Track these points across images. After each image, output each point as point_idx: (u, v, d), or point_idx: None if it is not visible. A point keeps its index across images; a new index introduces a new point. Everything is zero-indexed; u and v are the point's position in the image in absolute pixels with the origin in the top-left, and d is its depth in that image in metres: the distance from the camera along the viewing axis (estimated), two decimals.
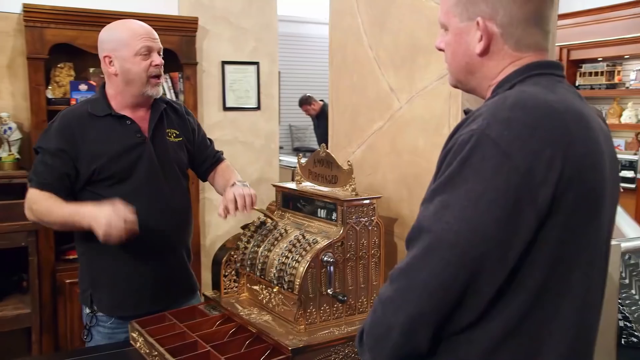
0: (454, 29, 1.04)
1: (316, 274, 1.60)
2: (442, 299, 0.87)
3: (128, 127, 1.89)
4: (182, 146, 2.01)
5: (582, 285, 0.92)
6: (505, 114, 0.88)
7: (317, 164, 1.81)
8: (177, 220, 1.98)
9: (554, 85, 0.97)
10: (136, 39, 1.82)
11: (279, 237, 1.77)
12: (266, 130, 3.92)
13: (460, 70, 1.06)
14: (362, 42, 1.92)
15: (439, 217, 0.87)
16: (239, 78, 3.77)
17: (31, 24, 3.01)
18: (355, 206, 1.65)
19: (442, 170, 0.92)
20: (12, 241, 2.84)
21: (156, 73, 1.86)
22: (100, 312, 1.90)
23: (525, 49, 1.00)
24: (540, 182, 0.85)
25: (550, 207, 0.86)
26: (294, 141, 9.18)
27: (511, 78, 0.99)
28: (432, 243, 0.87)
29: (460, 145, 0.89)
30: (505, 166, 0.84)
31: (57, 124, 1.86)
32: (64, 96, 3.23)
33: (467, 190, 0.86)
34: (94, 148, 1.83)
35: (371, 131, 1.93)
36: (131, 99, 1.90)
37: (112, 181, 1.85)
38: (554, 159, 0.86)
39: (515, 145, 0.85)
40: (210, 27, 3.67)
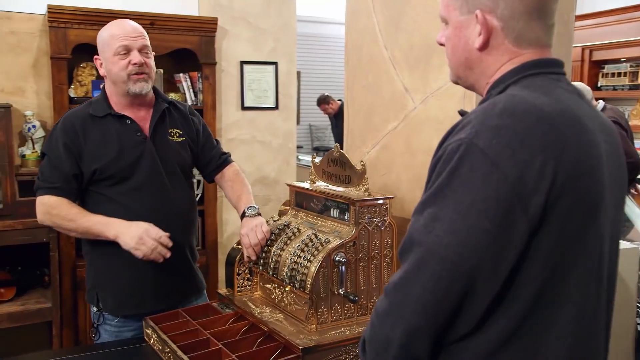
0: (454, 22, 1.01)
1: (328, 273, 1.59)
2: (437, 312, 0.85)
3: (128, 127, 1.89)
4: (185, 146, 2.00)
5: (580, 293, 0.90)
6: (494, 122, 0.85)
7: (331, 163, 1.81)
8: (180, 219, 1.96)
9: (549, 86, 0.93)
10: (114, 39, 1.83)
11: (291, 236, 1.77)
12: (284, 130, 3.93)
13: (459, 66, 1.03)
14: (377, 42, 1.91)
15: (429, 230, 0.85)
16: (258, 78, 3.78)
17: (55, 25, 3.06)
18: (368, 206, 1.64)
19: (432, 180, 0.89)
20: (35, 237, 2.88)
21: (136, 71, 1.84)
22: (105, 311, 1.91)
23: (526, 44, 0.96)
24: (531, 191, 0.82)
25: (542, 216, 0.84)
26: (314, 141, 9.18)
27: (506, 78, 0.96)
28: (423, 257, 0.85)
29: (449, 154, 0.87)
30: (494, 176, 0.82)
31: (61, 125, 1.87)
32: (86, 95, 3.27)
33: (456, 202, 0.84)
34: (95, 148, 1.85)
35: (386, 131, 1.91)
36: (123, 99, 1.90)
37: (113, 180, 1.85)
38: (545, 166, 0.83)
39: (505, 154, 0.82)
40: (229, 28, 3.68)
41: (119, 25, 1.87)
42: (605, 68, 5.53)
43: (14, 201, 2.89)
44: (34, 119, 3.22)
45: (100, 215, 1.80)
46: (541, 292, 0.86)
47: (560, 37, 1.66)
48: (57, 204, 1.81)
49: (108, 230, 1.77)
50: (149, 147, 1.89)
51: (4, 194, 2.89)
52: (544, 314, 0.88)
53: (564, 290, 0.88)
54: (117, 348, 1.76)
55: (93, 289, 1.93)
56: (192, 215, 2.06)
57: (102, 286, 1.91)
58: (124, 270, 1.87)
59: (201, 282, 2.10)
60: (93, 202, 1.88)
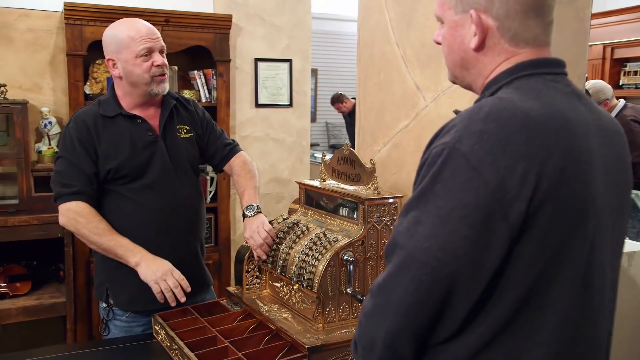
0: (449, 21, 0.99)
1: (336, 272, 1.58)
2: (418, 315, 0.85)
3: (139, 126, 1.89)
4: (193, 142, 2.02)
5: (564, 300, 0.87)
6: (478, 127, 0.83)
7: (341, 162, 1.80)
8: (190, 215, 1.97)
9: (542, 88, 0.90)
10: (136, 41, 1.82)
11: (300, 234, 1.76)
12: (298, 127, 3.92)
13: (455, 65, 1.01)
14: (389, 40, 1.89)
15: (411, 234, 0.85)
16: (272, 75, 3.78)
17: (71, 22, 3.09)
18: (377, 205, 1.63)
19: (417, 182, 0.89)
20: (49, 232, 2.91)
21: (159, 72, 1.86)
22: (116, 306, 1.92)
23: (523, 44, 0.94)
24: (513, 198, 0.81)
25: (524, 223, 0.82)
26: (330, 138, 9.17)
27: (499, 79, 0.94)
28: (405, 260, 0.85)
29: (433, 158, 0.86)
30: (474, 182, 0.81)
31: (73, 124, 1.87)
32: (101, 92, 3.30)
33: (437, 207, 0.83)
34: (108, 148, 1.85)
35: (397, 129, 1.89)
36: (139, 99, 1.90)
37: (126, 179, 1.86)
38: (527, 173, 0.81)
39: (486, 160, 0.81)
40: (243, 25, 3.69)
41: (135, 26, 1.85)
42: (627, 66, 5.43)
43: (29, 196, 2.92)
44: (50, 115, 3.26)
45: (127, 240, 1.80)
46: (523, 298, 0.85)
47: (576, 35, 1.63)
48: (85, 213, 1.80)
49: (131, 257, 1.78)
50: (160, 145, 1.90)
51: (19, 189, 2.93)
52: (526, 320, 0.86)
53: (547, 297, 0.86)
54: (125, 344, 1.78)
55: (102, 284, 1.94)
56: (201, 212, 2.06)
57: (113, 282, 1.91)
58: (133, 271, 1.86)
59: (209, 277, 2.11)
60: (104, 199, 1.89)
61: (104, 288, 1.93)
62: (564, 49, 1.61)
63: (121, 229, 1.83)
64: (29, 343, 3.13)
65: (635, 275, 1.75)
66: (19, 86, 3.27)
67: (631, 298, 1.79)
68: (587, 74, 5.67)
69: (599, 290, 0.93)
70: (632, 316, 1.81)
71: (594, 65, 5.58)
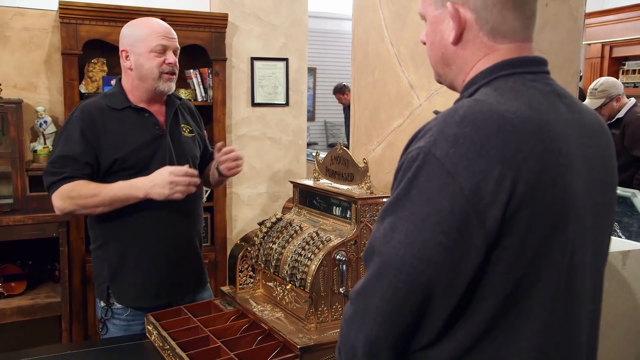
0: (430, 17, 0.98)
1: (328, 272, 1.58)
2: (396, 322, 0.84)
3: (147, 120, 1.93)
4: (195, 141, 2.08)
5: (544, 306, 0.86)
6: (453, 130, 0.82)
7: (334, 161, 1.79)
8: (190, 210, 2.01)
9: (521, 88, 0.89)
10: (153, 37, 1.87)
11: (293, 234, 1.76)
12: (294, 126, 3.92)
13: (437, 62, 1.00)
14: (383, 38, 1.88)
15: (387, 240, 0.83)
16: (268, 74, 3.78)
17: (66, 21, 3.09)
18: (370, 204, 1.62)
19: (394, 187, 0.88)
20: (44, 231, 2.91)
21: (169, 70, 1.90)
22: (120, 304, 1.93)
23: (501, 37, 0.92)
24: (488, 204, 0.79)
25: (501, 229, 0.81)
26: (329, 137, 9.17)
27: (478, 79, 0.93)
28: (381, 267, 0.84)
29: (409, 162, 0.85)
30: (449, 187, 0.79)
31: (79, 113, 1.88)
32: (97, 91, 3.29)
33: (413, 213, 0.82)
34: (116, 139, 1.86)
35: (391, 128, 1.89)
36: (145, 94, 1.94)
37: (131, 172, 1.87)
38: (503, 178, 0.79)
39: (461, 165, 0.80)
40: (240, 24, 3.68)
41: (154, 24, 1.92)
42: (625, 65, 5.43)
43: (24, 196, 2.92)
44: (46, 114, 3.26)
45: (121, 182, 1.81)
46: (503, 304, 0.84)
47: (570, 34, 1.63)
48: (73, 187, 1.80)
49: (136, 192, 1.79)
50: (167, 141, 1.94)
51: (14, 188, 2.93)
52: (507, 326, 0.85)
53: (528, 303, 0.85)
54: (119, 344, 1.77)
55: (103, 283, 1.94)
56: (200, 208, 2.12)
57: (115, 280, 1.92)
58: (142, 261, 1.91)
59: (205, 274, 2.14)
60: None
61: (105, 287, 1.93)
62: (557, 47, 1.61)
63: (119, 222, 1.87)
64: (24, 343, 3.12)
65: (629, 275, 1.75)
66: (14, 85, 3.27)
67: (626, 297, 1.79)
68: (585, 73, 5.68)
69: (580, 293, 0.92)
70: (627, 316, 1.81)
71: (592, 64, 5.58)
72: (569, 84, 1.62)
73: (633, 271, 1.77)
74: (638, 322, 1.87)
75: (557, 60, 1.58)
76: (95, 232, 1.96)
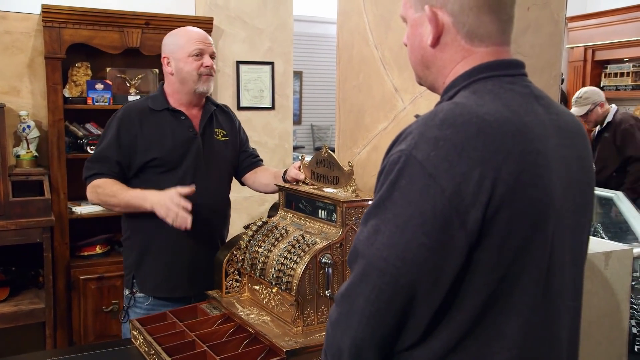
0: (411, 20, 1.00)
1: (314, 275, 1.58)
2: (380, 324, 0.85)
3: (182, 122, 2.07)
4: (228, 145, 2.19)
5: (525, 304, 0.88)
6: (434, 133, 0.84)
7: (320, 164, 1.80)
8: (213, 211, 2.12)
9: (499, 91, 0.91)
10: (190, 42, 2.03)
11: (279, 237, 1.76)
12: (280, 130, 3.92)
13: (417, 64, 1.02)
14: (368, 42, 1.90)
15: (371, 242, 0.85)
16: (254, 78, 3.78)
17: (49, 24, 3.06)
18: (355, 207, 1.63)
19: (376, 190, 0.89)
20: (28, 237, 2.88)
21: (206, 72, 2.05)
22: (142, 292, 2.07)
23: (478, 41, 0.94)
24: (469, 205, 0.81)
25: (481, 229, 0.82)
26: (315, 141, 9.19)
27: (457, 83, 0.94)
28: (365, 269, 0.85)
29: (390, 165, 0.86)
30: (431, 189, 0.81)
31: (120, 114, 2.06)
32: (81, 95, 3.28)
33: (395, 215, 0.83)
34: (152, 138, 2.02)
35: (376, 132, 1.90)
36: (186, 97, 2.08)
37: (163, 169, 2.02)
38: (483, 179, 0.81)
39: (442, 167, 0.81)
40: (225, 27, 3.68)
41: (192, 31, 2.08)
42: (608, 68, 5.51)
43: (7, 201, 2.89)
44: (29, 119, 3.23)
45: (138, 190, 1.96)
46: (485, 303, 0.86)
47: (551, 37, 1.65)
48: (101, 183, 1.99)
49: (145, 203, 1.91)
50: (198, 143, 2.07)
51: None
52: (489, 324, 0.87)
53: (509, 301, 0.87)
54: (103, 350, 1.76)
55: (130, 272, 2.09)
56: (226, 210, 2.23)
57: (139, 269, 2.07)
58: (164, 253, 2.04)
59: None
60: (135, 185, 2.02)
61: (131, 276, 2.09)
62: (539, 51, 1.63)
63: (146, 218, 1.94)
64: (8, 350, 3.08)
65: (611, 276, 1.77)
66: None
67: (608, 298, 1.81)
68: (569, 76, 5.75)
69: (560, 292, 0.93)
70: (609, 315, 1.83)
71: (575, 67, 5.65)
72: (550, 86, 1.64)
73: (615, 271, 1.80)
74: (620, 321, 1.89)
75: (539, 63, 1.60)
76: (125, 225, 2.12)
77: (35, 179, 3.06)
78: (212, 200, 2.09)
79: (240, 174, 2.30)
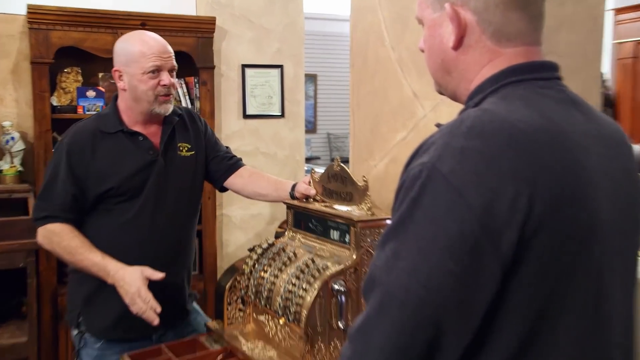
0: (428, 21, 1.00)
1: (325, 304, 1.58)
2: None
3: (140, 144, 2.01)
4: (193, 159, 2.12)
5: (570, 341, 0.86)
6: (460, 143, 0.82)
7: (332, 179, 1.80)
8: (180, 238, 2.08)
9: (532, 96, 0.90)
10: (146, 57, 1.93)
11: (287, 261, 1.76)
12: (291, 140, 3.95)
13: (437, 70, 1.02)
14: (383, 42, 1.91)
15: (389, 268, 0.83)
16: (261, 83, 3.82)
17: (35, 26, 3.13)
18: (371, 227, 1.63)
19: (395, 208, 0.87)
20: (10, 261, 2.91)
21: (164, 92, 1.98)
22: (88, 332, 1.98)
23: (506, 41, 0.93)
24: (503, 225, 0.79)
25: (517, 253, 0.80)
26: (332, 151, 9.18)
27: (484, 87, 0.94)
28: (384, 300, 0.83)
29: (411, 181, 0.84)
30: (458, 208, 0.79)
31: (68, 140, 1.97)
32: (71, 103, 3.33)
33: (418, 238, 0.81)
34: (106, 166, 1.95)
35: (394, 142, 1.91)
36: (141, 116, 2.02)
37: (123, 198, 1.97)
38: (518, 195, 0.79)
39: (470, 181, 0.80)
40: (229, 28, 3.73)
41: (148, 42, 1.97)
42: None
43: None
44: (13, 130, 3.28)
45: (99, 254, 1.88)
46: (523, 340, 0.83)
47: (589, 34, 1.65)
48: (58, 231, 1.93)
49: (106, 277, 1.86)
50: (159, 164, 2.01)
51: None
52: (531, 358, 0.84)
53: (550, 338, 0.84)
54: None
55: (75, 309, 2.01)
56: (192, 235, 2.18)
57: (88, 308, 1.99)
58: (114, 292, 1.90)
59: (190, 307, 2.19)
60: (95, 219, 1.98)
61: (76, 313, 2.01)
62: (576, 49, 1.63)
63: (106, 249, 1.90)
64: None
65: None
66: None
67: None
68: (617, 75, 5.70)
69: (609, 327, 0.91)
70: None
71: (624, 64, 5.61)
72: (590, 89, 1.64)
73: None
74: None
75: (575, 63, 1.60)
76: None
77: (19, 197, 3.10)
78: (175, 225, 2.04)
79: (219, 181, 2.22)
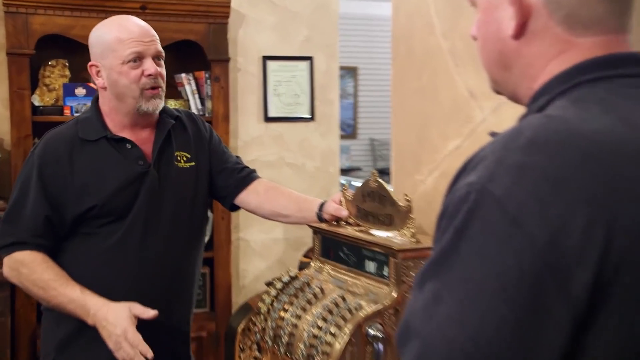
0: (482, 3, 0.98)
1: (359, 353, 1.58)
2: None
3: (128, 153, 2.01)
4: (194, 172, 2.12)
5: None
6: (517, 158, 0.80)
7: (367, 198, 1.81)
8: (178, 268, 2.07)
9: (613, 99, 0.88)
10: (123, 44, 1.93)
11: (312, 298, 1.77)
12: (322, 148, 3.97)
13: (493, 64, 1.01)
14: (433, 30, 1.92)
15: (429, 315, 0.81)
16: (286, 78, 3.85)
17: (12, 10, 3.17)
18: (415, 258, 1.63)
19: (436, 239, 0.86)
20: None
21: (150, 84, 1.97)
22: None
23: (582, 28, 0.91)
24: (572, 263, 0.77)
25: (593, 299, 0.78)
26: (377, 160, 9.19)
27: (551, 87, 0.92)
28: (422, 353, 0.81)
29: (456, 205, 0.83)
30: (515, 239, 0.78)
31: (40, 151, 1.98)
32: (56, 103, 3.39)
33: (464, 278, 0.80)
34: (87, 181, 1.96)
35: (446, 152, 1.91)
36: (127, 117, 2.02)
37: (107, 219, 1.97)
38: (593, 225, 0.77)
39: (530, 207, 0.78)
40: (247, 11, 3.77)
41: (125, 26, 1.98)
42: None
43: None
44: None
45: (78, 289, 1.89)
46: None
47: None
48: (27, 261, 1.93)
49: (85, 316, 1.87)
50: (151, 178, 2.01)
51: None
52: None
53: None
54: None
55: (48, 356, 2.03)
56: (195, 269, 2.17)
57: (63, 354, 2.00)
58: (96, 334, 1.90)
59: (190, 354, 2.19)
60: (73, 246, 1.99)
61: (51, 358, 2.02)
62: None
63: (86, 282, 1.91)
64: None
65: None
66: None
67: None
68: None
69: None
70: None
71: None
72: None
73: None
74: None
75: None
76: None
77: None
78: (172, 252, 2.03)
79: (228, 198, 2.21)
